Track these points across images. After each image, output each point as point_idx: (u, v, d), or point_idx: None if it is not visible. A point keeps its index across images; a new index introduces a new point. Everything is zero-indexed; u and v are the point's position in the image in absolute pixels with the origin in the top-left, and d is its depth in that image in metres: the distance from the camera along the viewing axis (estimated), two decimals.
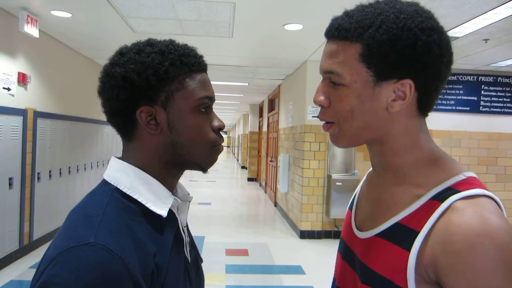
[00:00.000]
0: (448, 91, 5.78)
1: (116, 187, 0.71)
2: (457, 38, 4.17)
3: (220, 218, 6.93)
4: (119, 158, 0.77)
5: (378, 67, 0.66)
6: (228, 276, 4.07)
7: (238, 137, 23.84)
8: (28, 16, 3.83)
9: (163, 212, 0.72)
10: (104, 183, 0.73)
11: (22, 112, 4.22)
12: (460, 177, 0.67)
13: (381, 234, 0.72)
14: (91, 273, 0.58)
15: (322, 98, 0.72)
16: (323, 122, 0.75)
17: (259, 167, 12.27)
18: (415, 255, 0.63)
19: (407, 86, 0.67)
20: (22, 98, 4.26)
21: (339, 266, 0.87)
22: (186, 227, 0.84)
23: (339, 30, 0.69)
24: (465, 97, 5.79)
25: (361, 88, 0.68)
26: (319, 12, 3.66)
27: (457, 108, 5.79)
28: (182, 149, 0.75)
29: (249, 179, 12.92)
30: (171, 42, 0.77)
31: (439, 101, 5.76)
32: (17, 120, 4.14)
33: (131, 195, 0.71)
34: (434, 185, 0.67)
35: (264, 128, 10.89)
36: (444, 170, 0.69)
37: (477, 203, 0.62)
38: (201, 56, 0.79)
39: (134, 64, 0.71)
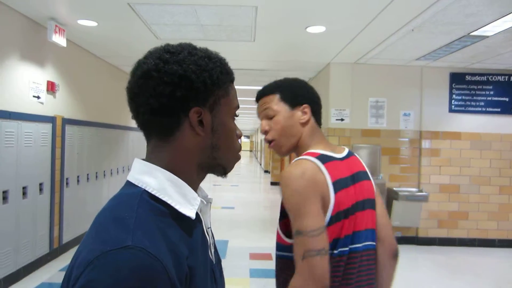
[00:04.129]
0: (477, 92, 5.60)
1: (144, 189, 0.70)
2: (487, 37, 4.04)
3: (244, 222, 6.92)
4: (143, 160, 0.76)
5: (289, 101, 1.30)
6: (252, 281, 4.05)
7: (261, 141, 23.83)
8: (56, 26, 3.94)
9: (192, 214, 0.72)
10: (130, 185, 0.72)
11: (51, 120, 4.34)
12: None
13: None
14: (131, 277, 0.57)
15: (267, 127, 1.32)
16: (268, 143, 1.35)
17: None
18: None
19: (306, 107, 1.31)
20: (51, 106, 4.39)
21: None
22: (209, 229, 0.84)
23: (264, 91, 1.35)
24: (495, 98, 5.59)
25: (285, 113, 1.30)
26: (342, 14, 3.61)
27: (487, 109, 5.59)
28: (218, 152, 0.78)
29: (272, 183, 12.88)
30: (207, 49, 0.80)
31: (468, 103, 5.58)
32: (47, 127, 4.26)
33: (160, 197, 0.70)
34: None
35: None
36: (305, 151, 1.29)
37: (295, 162, 1.23)
38: None
39: (193, 65, 0.72)
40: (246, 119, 20.15)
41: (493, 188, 5.60)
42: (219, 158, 0.79)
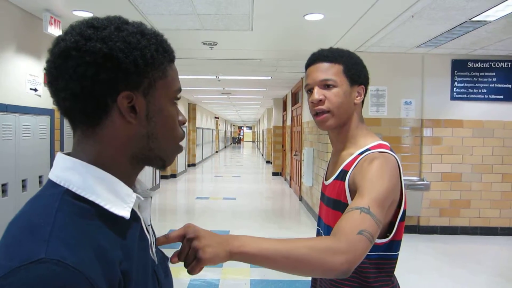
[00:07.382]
0: (480, 79, 5.52)
1: (67, 189, 0.62)
2: (489, 22, 3.96)
3: (245, 213, 6.93)
4: (67, 154, 0.68)
5: (350, 77, 1.22)
6: (252, 270, 4.06)
7: (262, 132, 23.82)
8: (51, 17, 3.90)
9: (126, 213, 0.65)
10: (51, 184, 0.64)
11: (49, 112, 4.32)
12: (374, 143, 1.20)
13: (335, 178, 1.25)
14: None
15: (322, 96, 1.21)
16: (316, 113, 1.24)
17: (283, 162, 12.21)
18: (347, 182, 1.18)
19: (362, 88, 1.25)
20: (48, 98, 4.33)
21: (319, 207, 1.39)
22: (150, 226, 0.77)
23: (327, 57, 1.22)
24: (498, 85, 5.52)
25: (346, 88, 1.21)
26: (340, 1, 3.55)
27: (490, 96, 5.53)
28: (155, 142, 0.69)
29: (274, 174, 12.89)
30: (142, 23, 0.70)
31: (470, 90, 5.52)
32: (45, 120, 4.25)
33: (86, 196, 0.62)
34: (361, 147, 1.21)
35: (288, 122, 10.80)
36: (367, 140, 1.23)
37: (384, 153, 1.15)
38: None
39: (120, 42, 0.63)
40: (247, 109, 20.08)
41: (495, 176, 5.56)
42: (156, 149, 0.70)
